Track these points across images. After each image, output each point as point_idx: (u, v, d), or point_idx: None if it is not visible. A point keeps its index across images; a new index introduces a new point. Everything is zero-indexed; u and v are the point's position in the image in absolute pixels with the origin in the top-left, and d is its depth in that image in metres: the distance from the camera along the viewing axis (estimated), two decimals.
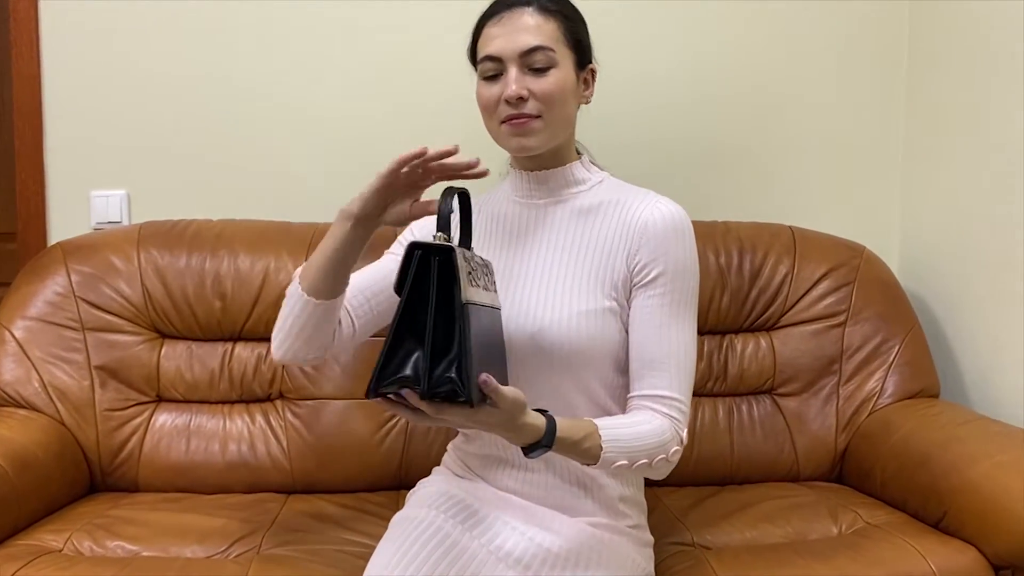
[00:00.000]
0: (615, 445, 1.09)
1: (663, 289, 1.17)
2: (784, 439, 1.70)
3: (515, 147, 1.21)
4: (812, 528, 1.46)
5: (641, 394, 1.16)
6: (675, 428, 1.15)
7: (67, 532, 1.38)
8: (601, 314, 1.18)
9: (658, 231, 1.18)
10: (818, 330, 1.74)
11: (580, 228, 1.23)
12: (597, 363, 1.19)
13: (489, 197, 1.33)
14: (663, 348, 1.16)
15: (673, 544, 1.41)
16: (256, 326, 1.69)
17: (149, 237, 1.72)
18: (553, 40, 1.19)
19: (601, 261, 1.20)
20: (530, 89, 1.17)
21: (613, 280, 1.19)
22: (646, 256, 1.18)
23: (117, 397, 1.63)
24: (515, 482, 1.22)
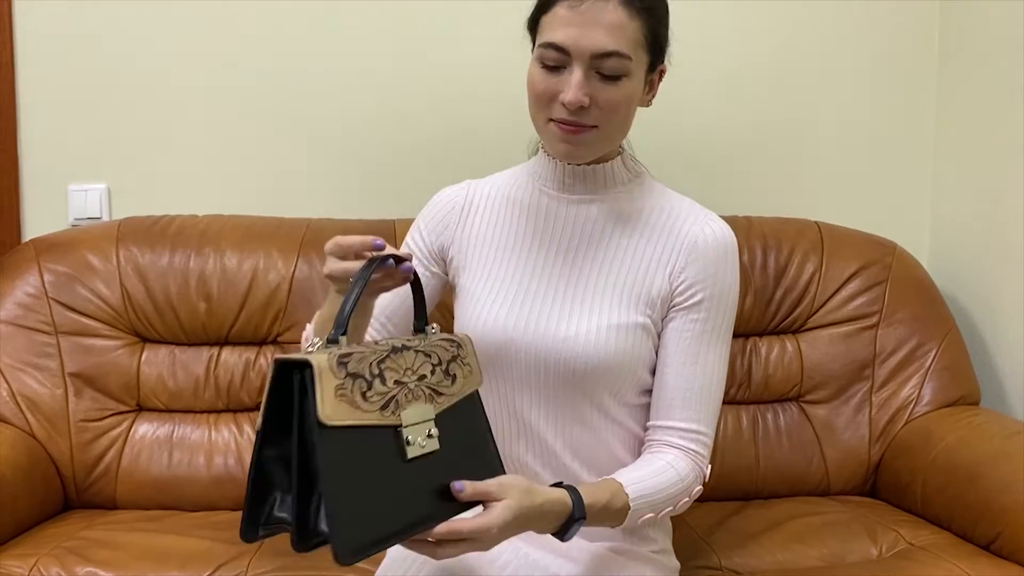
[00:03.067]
0: (642, 501, 1.00)
1: (705, 315, 1.07)
2: (813, 450, 1.58)
3: (561, 152, 1.07)
4: (850, 549, 1.34)
5: (667, 425, 1.07)
6: (698, 465, 1.06)
7: (33, 557, 1.26)
8: (633, 329, 1.06)
9: (708, 251, 1.07)
10: (848, 332, 1.62)
11: (619, 233, 1.10)
12: (621, 381, 1.07)
13: (510, 178, 1.18)
14: (696, 379, 1.06)
15: (700, 568, 1.30)
16: (244, 330, 1.58)
17: (129, 234, 1.61)
18: (632, 44, 1.01)
19: (640, 272, 1.08)
20: (593, 97, 1.01)
21: (651, 295, 1.07)
22: (692, 277, 1.07)
23: (93, 407, 1.52)
24: None
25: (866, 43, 1.87)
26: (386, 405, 0.83)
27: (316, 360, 0.78)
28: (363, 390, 0.81)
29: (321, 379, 0.78)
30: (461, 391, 0.93)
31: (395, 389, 0.84)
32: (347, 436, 0.79)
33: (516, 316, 1.07)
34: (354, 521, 0.77)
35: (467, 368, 0.96)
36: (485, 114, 1.78)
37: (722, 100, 1.84)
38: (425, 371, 0.89)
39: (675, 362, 1.06)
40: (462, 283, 1.14)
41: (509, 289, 1.09)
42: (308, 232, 1.64)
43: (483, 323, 1.08)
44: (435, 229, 1.17)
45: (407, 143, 1.80)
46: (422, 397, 0.87)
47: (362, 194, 1.80)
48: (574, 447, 1.08)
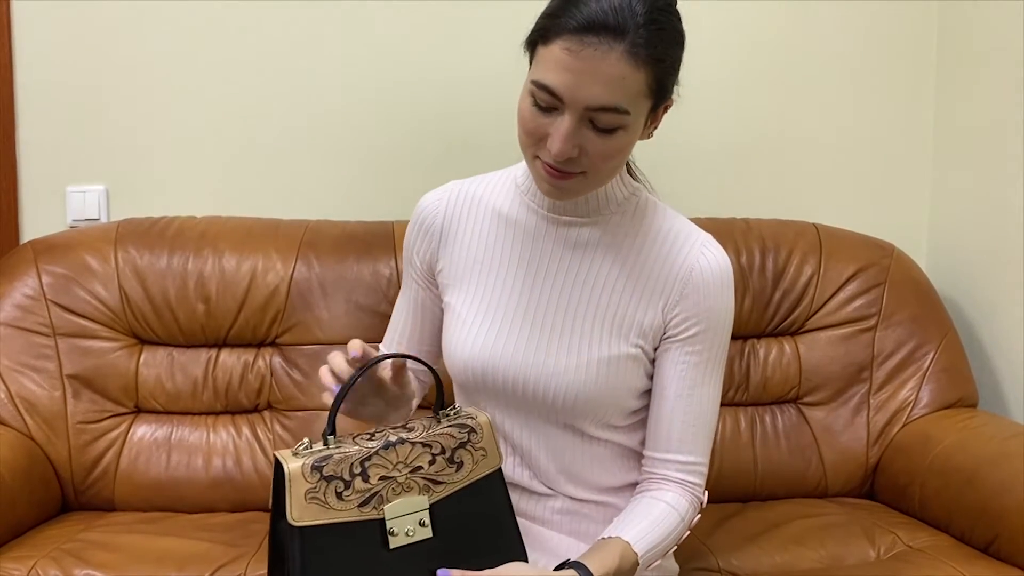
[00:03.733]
0: (650, 553, 1.00)
1: (700, 347, 1.04)
2: (811, 452, 1.58)
3: (545, 192, 1.00)
4: (848, 551, 1.34)
5: (665, 458, 1.06)
6: (695, 496, 1.07)
7: (32, 559, 1.26)
8: (623, 362, 1.04)
9: (705, 284, 1.04)
10: (847, 335, 1.62)
11: (610, 261, 1.05)
12: (605, 411, 1.06)
13: (497, 187, 1.12)
14: (693, 410, 1.05)
15: (698, 570, 1.30)
16: (242, 331, 1.58)
17: (127, 235, 1.60)
18: (633, 97, 0.93)
19: (632, 303, 1.04)
20: (583, 148, 0.94)
21: (642, 327, 1.04)
22: (687, 311, 1.04)
23: (91, 408, 1.51)
24: (522, 502, 1.09)
25: (864, 45, 1.87)
26: (366, 502, 0.88)
27: (290, 467, 0.86)
28: (339, 490, 0.87)
29: (291, 484, 0.85)
30: (469, 476, 0.94)
31: (379, 485, 0.89)
32: (318, 532, 0.86)
33: (503, 344, 1.05)
34: None
35: (480, 452, 0.96)
36: (485, 116, 1.78)
37: (720, 103, 1.84)
38: (422, 462, 0.92)
39: (671, 394, 1.05)
40: (449, 301, 1.11)
41: (496, 314, 1.06)
42: (307, 233, 1.64)
43: (469, 348, 1.06)
44: (421, 249, 1.14)
45: (406, 144, 1.80)
46: (414, 488, 0.91)
47: (361, 195, 1.80)
48: (561, 464, 1.08)
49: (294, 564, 0.85)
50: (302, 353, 1.57)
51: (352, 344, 0.95)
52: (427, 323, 1.16)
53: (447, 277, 1.11)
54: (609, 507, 1.11)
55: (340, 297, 1.59)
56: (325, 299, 1.59)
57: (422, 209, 1.14)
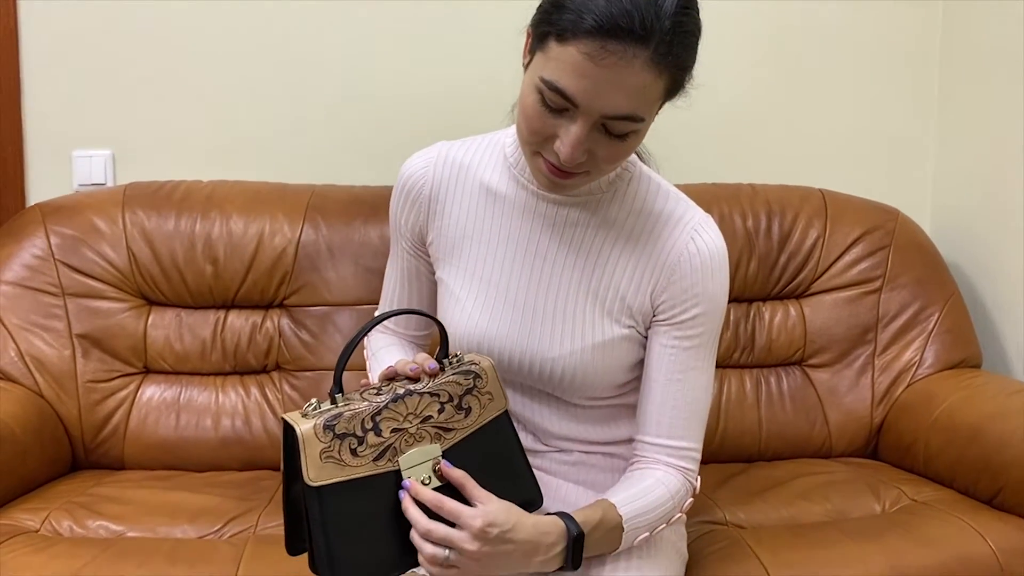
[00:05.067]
0: (636, 520, 0.98)
1: (692, 332, 1.02)
2: (816, 413, 1.59)
3: (543, 186, 0.98)
4: (854, 505, 1.36)
5: (655, 443, 1.03)
6: (688, 480, 1.04)
7: (45, 511, 1.27)
8: (615, 343, 1.03)
9: (694, 270, 1.01)
10: (851, 297, 1.63)
11: (601, 241, 1.03)
12: (600, 388, 1.06)
13: (486, 156, 1.08)
14: (685, 395, 1.02)
15: (704, 523, 1.31)
16: (250, 293, 1.58)
17: (135, 198, 1.61)
18: (651, 103, 0.89)
19: (623, 287, 1.03)
20: (592, 151, 0.91)
21: (632, 310, 1.03)
22: (674, 297, 1.01)
23: (101, 368, 1.52)
24: (536, 458, 1.10)
25: (870, 11, 1.86)
26: (381, 455, 0.89)
27: (302, 428, 0.86)
28: (353, 447, 0.88)
29: (305, 445, 0.85)
30: (478, 421, 0.96)
31: (392, 438, 0.90)
32: (337, 490, 0.86)
33: (498, 326, 1.04)
34: (339, 566, 0.85)
35: (486, 397, 0.97)
36: (491, 79, 1.77)
37: (724, 68, 1.84)
38: (431, 412, 0.92)
39: (661, 378, 1.02)
40: (440, 275, 1.10)
41: (488, 294, 1.05)
42: (313, 197, 1.64)
43: (464, 327, 1.05)
44: (410, 218, 1.10)
45: (413, 109, 1.80)
46: (426, 438, 0.91)
47: (368, 160, 1.79)
48: (560, 428, 1.08)
49: (315, 524, 0.86)
50: (310, 315, 1.58)
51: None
52: (421, 290, 1.15)
53: (438, 251, 1.10)
54: (616, 457, 1.12)
55: (347, 260, 1.60)
56: (332, 261, 1.59)
57: (408, 176, 1.10)
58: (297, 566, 0.99)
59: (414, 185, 1.09)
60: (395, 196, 1.12)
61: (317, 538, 0.86)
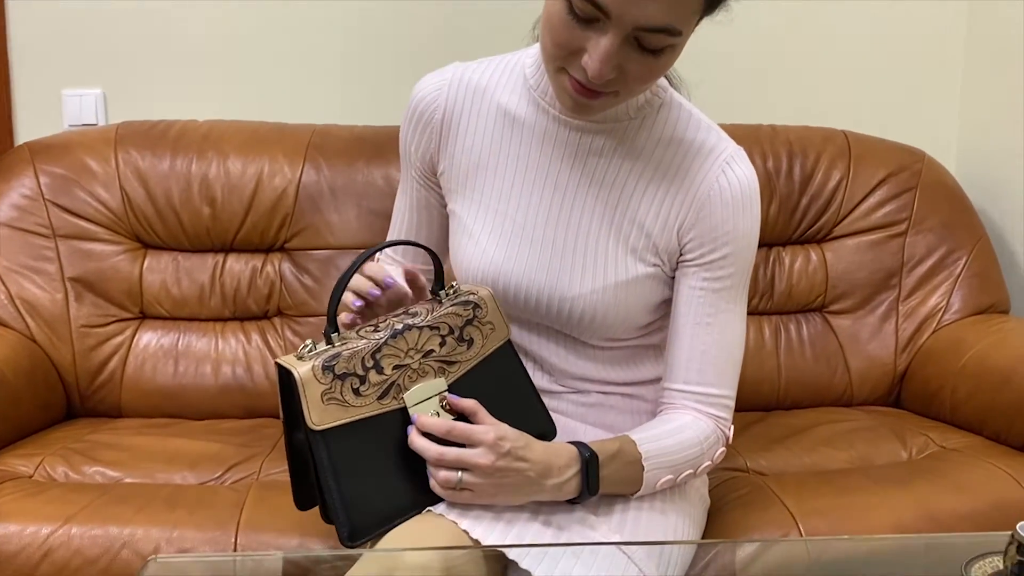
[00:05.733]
0: (658, 460, 0.92)
1: (722, 272, 0.96)
2: (837, 361, 1.54)
3: (568, 107, 0.91)
4: (879, 452, 1.31)
5: (685, 390, 0.97)
6: (720, 428, 0.98)
7: (38, 457, 1.22)
8: (639, 282, 0.97)
9: (724, 206, 0.94)
10: (875, 241, 1.57)
11: (626, 173, 0.96)
12: (622, 329, 1.00)
13: (504, 78, 1.00)
14: (715, 339, 0.96)
15: (725, 470, 1.26)
16: (250, 236, 1.52)
17: (127, 137, 1.54)
18: (689, 16, 0.83)
19: (648, 223, 0.96)
20: (623, 67, 0.84)
21: (658, 248, 0.97)
22: (703, 235, 0.95)
23: (95, 312, 1.46)
24: (544, 399, 1.05)
25: None
26: (385, 393, 0.85)
27: (300, 371, 0.81)
28: (355, 386, 0.83)
29: (306, 389, 0.81)
30: (481, 352, 0.91)
31: (394, 374, 0.85)
32: (343, 432, 0.82)
33: (514, 263, 0.97)
34: (354, 509, 0.82)
35: (487, 327, 0.92)
36: (498, 15, 1.69)
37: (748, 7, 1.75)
38: (432, 345, 0.88)
39: (690, 322, 0.96)
40: (454, 209, 1.03)
41: (505, 228, 0.98)
42: (314, 136, 1.58)
43: (478, 263, 0.99)
44: (421, 145, 1.03)
45: (414, 46, 1.72)
46: (430, 372, 0.87)
47: (369, 99, 1.72)
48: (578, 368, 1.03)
49: (324, 470, 0.82)
50: (312, 258, 1.52)
51: None
52: (431, 223, 1.08)
53: (450, 181, 1.03)
54: (635, 398, 1.06)
55: (350, 201, 1.53)
56: (335, 203, 1.53)
57: (420, 99, 1.02)
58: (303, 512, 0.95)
59: (426, 109, 1.02)
60: (405, 121, 1.05)
61: (327, 485, 0.82)
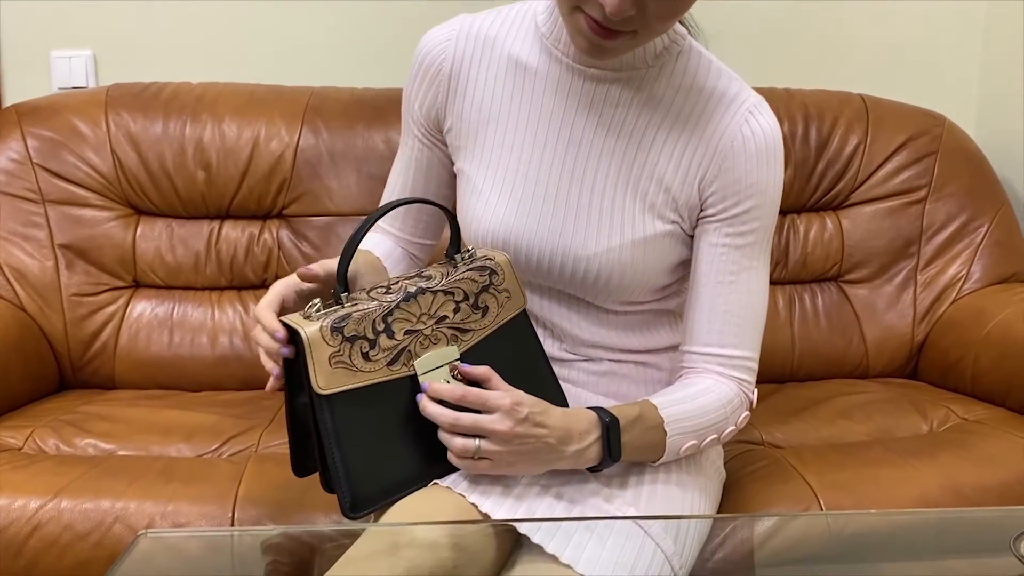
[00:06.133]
0: (681, 424, 0.88)
1: (745, 228, 0.91)
2: (852, 331, 1.50)
3: (583, 49, 0.85)
4: (898, 425, 1.27)
5: (706, 352, 0.93)
6: (744, 392, 0.93)
7: (28, 428, 1.18)
8: (657, 240, 0.92)
9: (748, 157, 0.90)
10: (894, 208, 1.52)
11: (643, 124, 0.91)
12: (638, 291, 0.95)
13: (515, 27, 0.95)
14: (738, 298, 0.92)
15: (739, 443, 1.22)
16: (246, 202, 1.47)
17: (119, 99, 1.49)
18: None
19: (668, 176, 0.91)
20: (642, 5, 0.79)
21: (678, 203, 0.92)
22: (725, 188, 0.91)
23: (87, 281, 1.41)
24: (561, 367, 1.00)
25: None
26: (395, 359, 0.81)
27: (307, 331, 0.77)
28: (365, 350, 0.79)
29: (313, 350, 0.76)
30: (496, 321, 0.87)
31: (406, 340, 0.81)
32: (349, 398, 0.78)
33: (525, 222, 0.93)
34: (357, 478, 0.78)
35: (503, 295, 0.88)
36: None
37: None
38: (446, 311, 0.84)
39: (711, 281, 0.92)
40: (461, 167, 0.98)
41: (516, 185, 0.93)
42: (312, 98, 1.52)
43: (487, 223, 0.94)
44: (426, 100, 0.97)
45: (415, 4, 1.65)
46: (442, 340, 0.83)
47: (369, 59, 1.66)
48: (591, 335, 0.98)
49: (328, 437, 0.78)
50: (311, 225, 1.47)
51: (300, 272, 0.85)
52: (429, 184, 1.01)
53: (457, 138, 0.98)
54: (649, 367, 1.01)
55: (350, 166, 1.48)
56: (334, 168, 1.48)
57: (426, 52, 0.97)
58: (304, 484, 0.91)
59: (433, 61, 0.97)
60: (411, 76, 0.99)
61: (330, 453, 0.78)
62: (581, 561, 0.77)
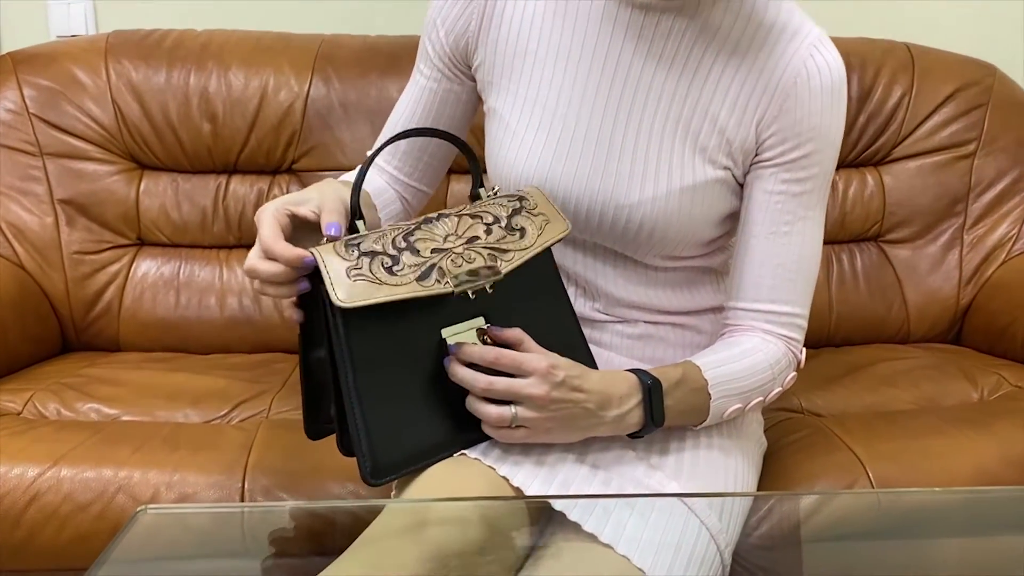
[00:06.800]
0: (725, 387, 0.82)
1: (803, 173, 0.85)
2: (893, 294, 1.42)
3: None
4: (946, 393, 1.20)
5: (753, 309, 0.87)
6: (792, 351, 0.88)
7: (28, 392, 1.13)
8: (707, 188, 0.86)
9: (812, 95, 0.83)
10: (940, 163, 1.43)
11: (697, 59, 0.85)
12: (684, 244, 0.88)
13: None
14: (791, 251, 0.86)
15: (780, 411, 1.15)
16: (254, 155, 1.40)
17: (119, 47, 1.41)
18: None
19: (723, 115, 0.85)
20: None
21: (732, 145, 0.86)
22: (786, 129, 0.84)
23: (88, 238, 1.35)
24: (585, 330, 0.93)
25: None
26: (425, 275, 0.71)
27: (317, 247, 0.70)
28: (387, 265, 0.70)
29: (327, 263, 0.68)
30: (538, 243, 0.78)
31: (434, 257, 0.72)
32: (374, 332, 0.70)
33: (564, 164, 0.86)
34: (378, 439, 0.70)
35: (540, 218, 0.79)
36: None
37: None
38: (476, 232, 0.75)
39: (764, 232, 0.86)
40: (492, 104, 0.90)
41: (554, 124, 0.86)
42: (323, 46, 1.44)
43: (522, 166, 0.86)
44: (455, 24, 0.90)
45: None
46: (479, 259, 0.74)
47: (383, 5, 1.57)
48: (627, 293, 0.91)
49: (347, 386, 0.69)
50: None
51: None
52: (441, 122, 0.92)
53: (490, 73, 0.90)
54: (688, 329, 0.94)
55: (363, 118, 1.41)
56: (347, 120, 1.40)
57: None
58: (319, 452, 0.85)
59: None
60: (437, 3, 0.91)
61: (350, 408, 0.69)
62: (622, 541, 0.71)
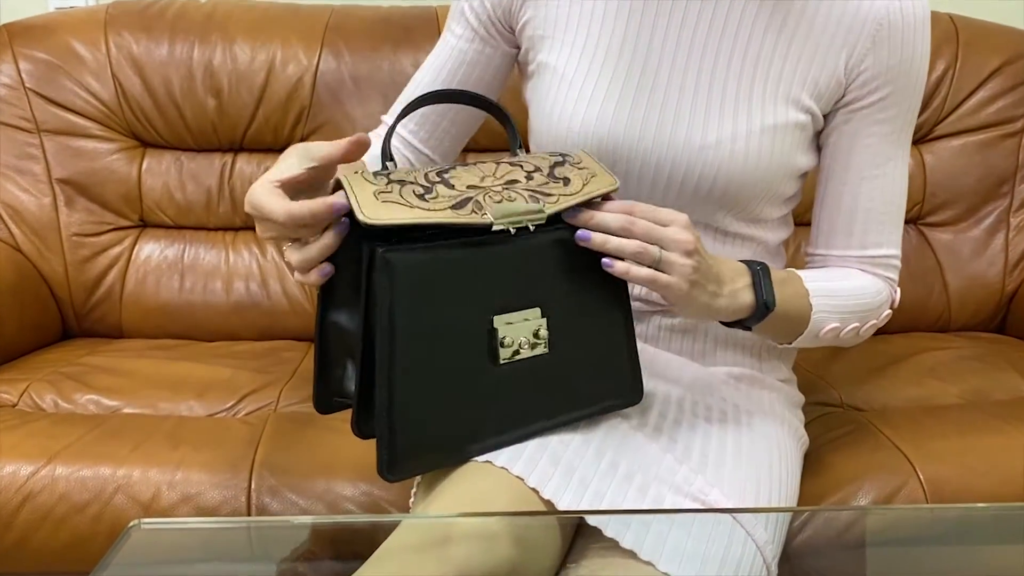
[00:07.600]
0: (827, 302, 0.79)
1: (893, 112, 0.82)
2: (933, 280, 1.35)
3: None
4: (996, 386, 1.12)
5: (848, 255, 0.85)
6: (892, 289, 0.87)
7: (24, 382, 1.07)
8: (788, 132, 0.80)
9: (900, 33, 0.80)
10: (985, 141, 1.36)
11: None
12: (757, 199, 0.82)
13: None
14: (882, 193, 0.84)
15: (818, 405, 1.08)
16: (261, 133, 1.33)
17: (120, 18, 1.34)
18: None
19: (806, 55, 0.80)
20: None
21: (818, 86, 0.81)
22: (876, 67, 0.80)
23: (89, 219, 1.29)
24: None
25: None
26: (460, 204, 0.65)
27: (343, 173, 0.64)
28: (419, 193, 0.64)
29: (353, 186, 0.62)
30: (584, 191, 0.70)
31: (470, 192, 0.67)
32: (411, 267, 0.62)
33: (629, 112, 0.79)
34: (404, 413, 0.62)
35: (585, 171, 0.72)
36: None
37: None
38: (515, 176, 0.70)
39: (855, 177, 0.83)
40: (544, 60, 0.83)
41: (618, 68, 0.80)
42: (333, 17, 1.37)
43: (582, 118, 0.79)
44: None
45: None
46: (519, 199, 0.68)
47: None
48: None
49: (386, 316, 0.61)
50: None
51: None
52: (468, 86, 0.85)
53: (540, 27, 0.83)
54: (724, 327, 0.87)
55: (375, 93, 1.34)
56: (358, 95, 1.34)
57: None
58: (330, 450, 0.79)
59: None
60: None
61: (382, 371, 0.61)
62: (664, 557, 0.64)
